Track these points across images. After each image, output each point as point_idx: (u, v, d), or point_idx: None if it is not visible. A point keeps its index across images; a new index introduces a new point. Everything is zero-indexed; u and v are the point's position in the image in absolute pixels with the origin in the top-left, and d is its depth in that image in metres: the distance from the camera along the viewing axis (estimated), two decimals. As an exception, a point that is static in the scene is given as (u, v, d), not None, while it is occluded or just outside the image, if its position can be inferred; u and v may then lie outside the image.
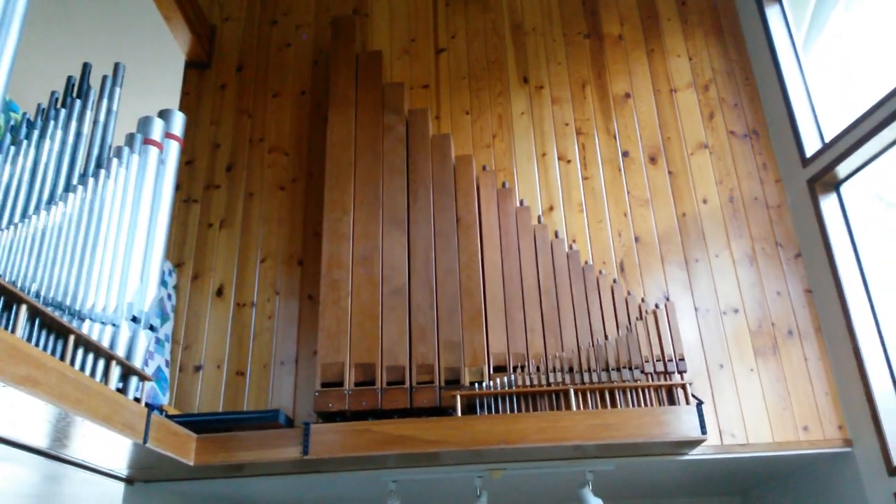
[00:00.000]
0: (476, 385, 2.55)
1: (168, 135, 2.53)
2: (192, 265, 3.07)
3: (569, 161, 3.13)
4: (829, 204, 2.76)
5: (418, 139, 3.01)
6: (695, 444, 2.45)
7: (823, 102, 2.96)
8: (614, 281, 2.84)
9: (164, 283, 2.92)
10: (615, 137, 3.16)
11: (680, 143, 3.13)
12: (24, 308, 1.67)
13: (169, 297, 2.97)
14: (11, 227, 1.75)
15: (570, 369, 2.59)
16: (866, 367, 2.52)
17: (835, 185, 2.78)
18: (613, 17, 3.43)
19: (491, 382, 2.56)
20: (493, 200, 2.92)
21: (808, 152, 2.85)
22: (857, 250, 2.68)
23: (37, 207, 1.88)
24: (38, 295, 1.78)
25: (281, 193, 3.18)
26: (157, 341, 2.82)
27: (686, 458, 2.58)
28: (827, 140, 2.82)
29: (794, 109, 2.94)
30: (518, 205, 2.97)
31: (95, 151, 2.18)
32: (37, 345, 1.74)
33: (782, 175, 3.03)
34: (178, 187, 3.19)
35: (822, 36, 3.03)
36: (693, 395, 2.52)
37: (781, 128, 3.03)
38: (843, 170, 2.70)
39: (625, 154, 3.13)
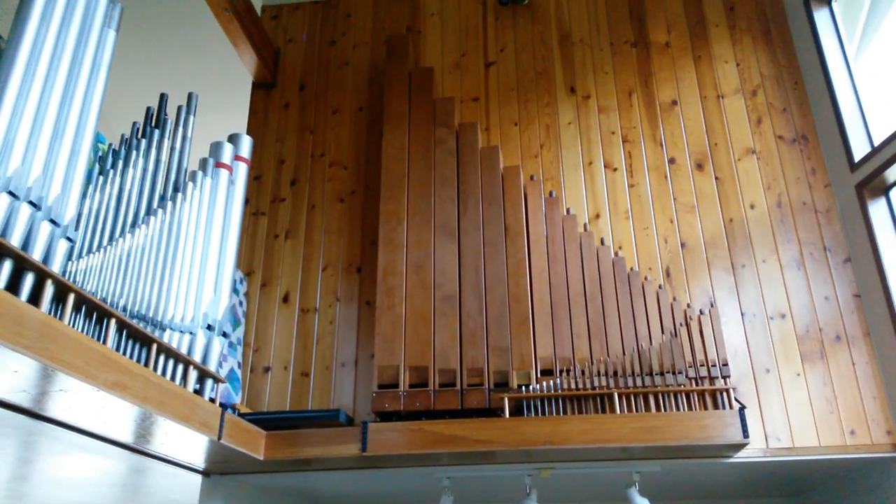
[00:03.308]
0: (523, 388, 2.67)
1: (237, 157, 2.76)
2: (260, 274, 3.31)
3: (615, 169, 3.20)
4: (877, 208, 2.75)
5: (468, 151, 3.15)
6: (738, 447, 2.51)
7: (874, 106, 2.93)
8: (660, 287, 2.90)
9: (235, 290, 3.17)
10: (661, 145, 3.22)
11: (727, 149, 3.16)
12: (113, 322, 1.91)
13: (241, 303, 3.21)
14: (101, 250, 1.99)
15: (615, 373, 2.68)
16: (916, 372, 2.52)
17: (884, 190, 2.76)
18: (660, 25, 3.47)
19: (538, 385, 2.68)
20: (541, 209, 3.03)
21: (857, 157, 2.83)
22: (907, 255, 2.66)
23: (122, 231, 2.12)
24: (125, 309, 2.02)
25: (340, 205, 3.38)
26: (231, 345, 3.06)
27: (731, 461, 2.63)
28: (876, 144, 2.80)
29: (842, 113, 2.93)
30: (565, 213, 3.07)
31: (173, 176, 2.42)
32: (124, 353, 1.98)
33: (831, 179, 3.02)
34: (247, 201, 3.44)
35: (874, 39, 2.99)
36: (736, 400, 2.57)
37: (830, 132, 3.01)
38: (892, 174, 2.68)
39: (671, 161, 3.18)
